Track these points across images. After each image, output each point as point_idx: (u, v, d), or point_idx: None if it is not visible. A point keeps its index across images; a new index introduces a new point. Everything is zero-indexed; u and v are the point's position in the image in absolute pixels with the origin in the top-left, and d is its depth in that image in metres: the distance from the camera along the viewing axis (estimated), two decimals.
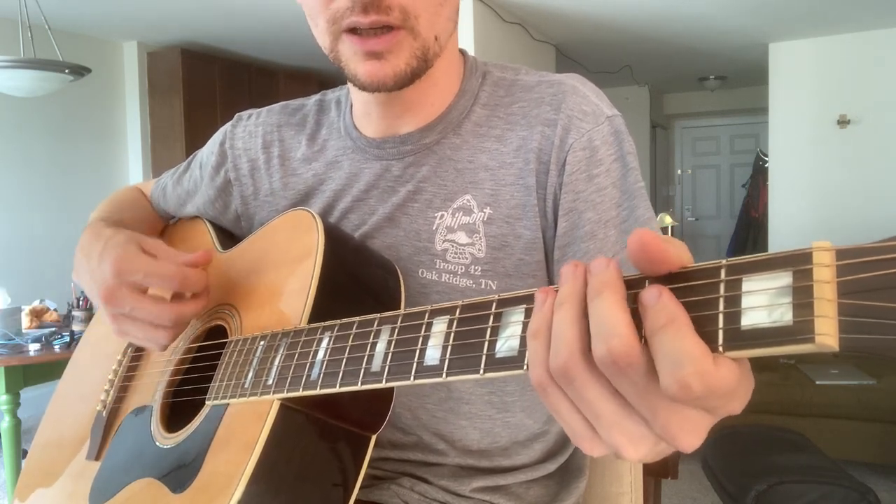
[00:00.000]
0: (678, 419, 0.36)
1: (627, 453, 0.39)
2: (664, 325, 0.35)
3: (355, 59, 0.70)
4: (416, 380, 0.48)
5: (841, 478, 2.33)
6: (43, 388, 3.12)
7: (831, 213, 5.46)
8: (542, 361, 0.40)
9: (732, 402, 0.37)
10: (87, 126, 4.96)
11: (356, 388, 0.53)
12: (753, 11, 4.74)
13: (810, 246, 0.33)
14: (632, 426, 0.38)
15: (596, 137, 0.73)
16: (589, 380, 0.38)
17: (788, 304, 0.32)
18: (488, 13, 4.33)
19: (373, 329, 0.54)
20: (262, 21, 4.64)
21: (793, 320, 0.32)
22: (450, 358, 0.46)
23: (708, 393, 0.34)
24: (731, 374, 0.35)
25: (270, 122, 0.90)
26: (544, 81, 0.78)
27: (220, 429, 0.66)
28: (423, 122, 0.79)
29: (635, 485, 0.95)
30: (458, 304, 0.47)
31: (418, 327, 0.50)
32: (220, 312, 0.78)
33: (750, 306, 0.34)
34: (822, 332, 0.31)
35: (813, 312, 0.32)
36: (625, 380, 0.37)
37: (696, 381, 0.34)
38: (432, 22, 0.70)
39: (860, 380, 3.23)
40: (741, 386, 0.36)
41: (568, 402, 0.40)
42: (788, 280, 0.33)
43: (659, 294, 0.35)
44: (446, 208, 0.77)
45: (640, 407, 0.37)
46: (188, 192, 0.97)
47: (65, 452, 0.88)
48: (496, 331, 0.44)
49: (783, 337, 0.32)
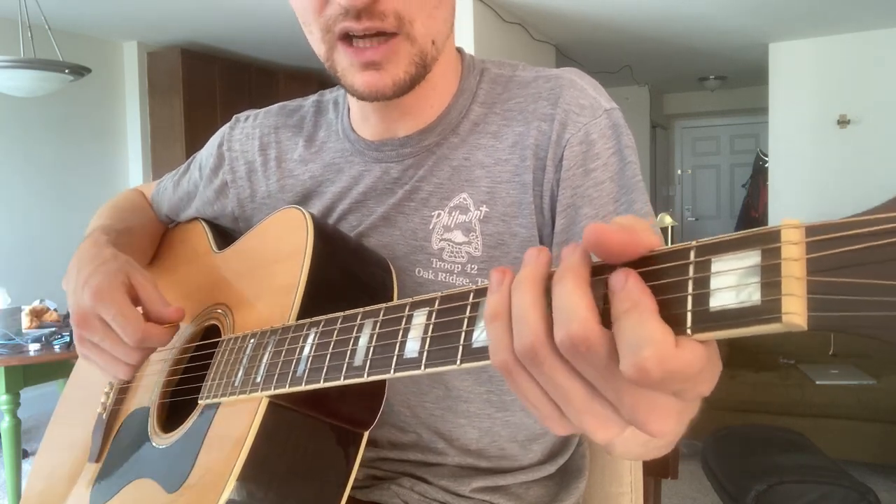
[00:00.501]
0: (645, 403, 0.36)
1: (597, 435, 0.38)
2: (627, 309, 0.34)
3: (351, 69, 0.69)
4: (395, 373, 0.48)
5: (841, 478, 2.33)
6: (43, 388, 3.13)
7: (831, 213, 5.44)
8: (505, 345, 0.39)
9: (699, 386, 0.37)
10: (87, 126, 4.96)
11: (340, 382, 0.53)
12: (753, 11, 4.74)
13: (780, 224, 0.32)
14: (601, 409, 0.38)
15: (593, 131, 0.72)
16: (556, 362, 0.38)
17: (756, 283, 0.32)
18: (488, 13, 4.33)
19: (356, 323, 0.54)
20: (262, 21, 4.64)
21: (761, 300, 0.31)
22: (428, 350, 0.46)
23: (668, 376, 0.34)
24: (696, 356, 0.34)
25: (267, 123, 0.90)
26: (542, 76, 0.78)
27: (211, 427, 0.66)
28: (422, 124, 0.78)
29: (635, 485, 0.95)
30: (437, 296, 0.47)
31: (399, 320, 0.50)
32: (214, 312, 0.78)
33: (718, 287, 0.33)
34: (789, 311, 0.31)
35: (780, 291, 0.31)
36: (587, 364, 0.36)
37: (655, 364, 0.33)
38: (428, 25, 0.69)
39: (860, 380, 3.23)
40: (707, 369, 0.36)
41: (535, 385, 0.39)
42: (757, 259, 0.32)
43: (625, 278, 0.35)
44: (443, 207, 0.76)
45: (605, 391, 0.37)
46: (187, 194, 0.97)
47: (70, 454, 0.89)
48: (473, 321, 0.44)
49: (751, 317, 0.32)
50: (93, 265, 0.77)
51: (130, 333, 0.70)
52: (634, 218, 0.38)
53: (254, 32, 4.94)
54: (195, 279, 0.87)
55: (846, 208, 5.37)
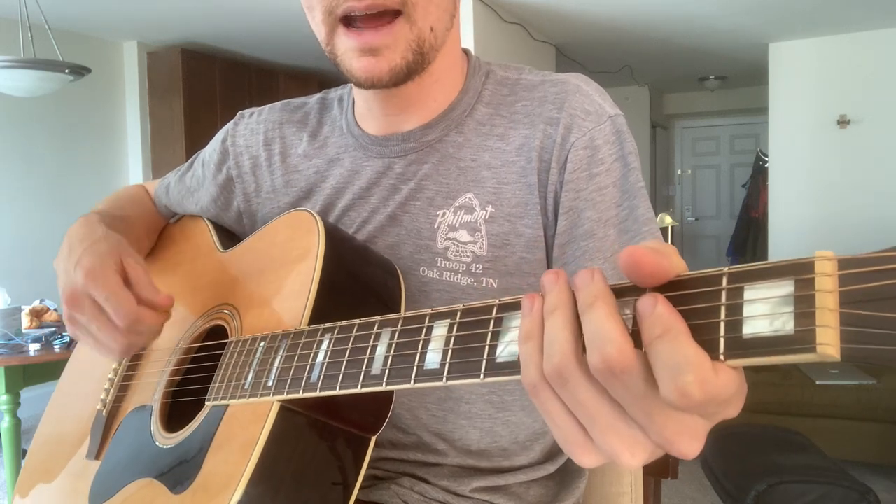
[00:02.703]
0: (675, 425, 0.37)
1: (625, 459, 0.38)
2: (661, 334, 0.35)
3: (350, 54, 0.70)
4: (416, 384, 0.48)
5: (841, 478, 2.33)
6: (43, 388, 3.12)
7: (831, 213, 5.46)
8: (535, 363, 0.40)
9: (729, 408, 0.37)
10: (87, 126, 4.95)
11: (356, 390, 0.52)
12: (753, 11, 4.74)
13: (813, 255, 0.33)
14: (628, 430, 0.38)
15: (598, 136, 0.73)
16: (582, 381, 0.38)
17: (790, 313, 0.33)
18: (488, 13, 4.33)
19: (373, 332, 0.54)
20: (262, 21, 4.64)
21: (794, 329, 0.32)
22: (450, 362, 0.46)
23: (708, 400, 0.34)
24: (731, 381, 0.35)
25: (272, 119, 0.90)
26: (548, 80, 0.78)
27: (219, 429, 0.66)
28: (425, 119, 0.79)
29: (635, 485, 0.95)
30: (458, 308, 0.47)
31: (419, 331, 0.50)
32: (220, 312, 0.78)
33: (751, 315, 0.34)
34: (823, 342, 0.31)
35: (814, 322, 0.32)
36: (620, 386, 0.37)
37: (697, 389, 0.34)
38: (428, 10, 0.70)
39: (860, 380, 3.23)
40: (738, 392, 0.36)
41: (561, 404, 0.40)
42: (790, 289, 0.33)
43: (654, 303, 0.35)
44: (448, 206, 0.77)
45: (635, 413, 0.37)
46: (190, 190, 0.97)
47: (65, 451, 0.88)
48: (497, 335, 0.44)
49: (785, 346, 0.33)
50: (85, 244, 0.78)
51: (122, 316, 0.70)
52: (661, 243, 0.38)
53: (254, 32, 4.94)
54: (199, 277, 0.87)
55: (846, 208, 5.38)
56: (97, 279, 0.72)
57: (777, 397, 3.27)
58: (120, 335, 0.72)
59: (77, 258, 0.75)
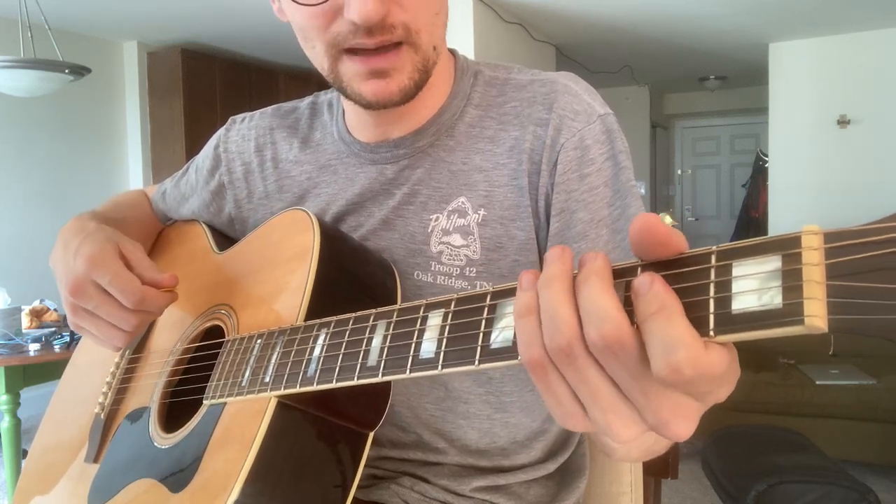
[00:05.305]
0: (669, 404, 0.37)
1: (618, 433, 0.39)
2: (655, 311, 0.35)
3: (357, 78, 0.70)
4: (412, 373, 0.48)
5: (841, 478, 2.33)
6: (43, 388, 3.12)
7: (831, 213, 5.46)
8: (537, 340, 0.40)
9: (720, 389, 0.38)
10: (87, 126, 4.96)
11: (353, 382, 0.53)
12: (753, 11, 4.74)
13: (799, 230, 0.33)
14: (625, 409, 0.39)
15: (587, 136, 0.73)
16: (588, 360, 0.38)
17: (778, 287, 0.33)
18: (488, 13, 4.33)
19: (368, 324, 0.54)
20: (262, 21, 4.64)
21: (782, 303, 0.33)
22: (445, 350, 0.47)
23: (698, 377, 0.35)
24: (721, 358, 0.36)
25: (263, 124, 0.91)
26: (537, 80, 0.78)
27: (217, 428, 0.66)
28: (415, 125, 0.79)
29: (635, 485, 0.95)
30: (452, 298, 0.48)
31: (413, 321, 0.50)
32: (216, 313, 0.78)
33: (740, 291, 0.34)
34: (811, 314, 0.32)
35: (802, 295, 0.32)
36: (617, 364, 0.37)
37: (688, 365, 0.34)
38: (431, 33, 0.70)
39: (860, 380, 3.23)
40: (729, 372, 0.37)
41: (563, 382, 0.40)
42: (777, 264, 0.33)
43: (651, 281, 0.36)
44: (441, 210, 0.77)
45: (631, 391, 0.38)
46: (185, 196, 0.97)
47: (64, 455, 0.88)
48: (491, 322, 0.45)
49: (773, 319, 0.33)
50: (80, 236, 0.78)
51: (129, 295, 0.71)
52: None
53: (254, 32, 4.94)
54: (196, 279, 0.87)
55: (846, 208, 5.38)
56: (98, 264, 0.72)
57: (777, 397, 3.27)
58: (130, 314, 0.72)
59: (75, 248, 0.75)
